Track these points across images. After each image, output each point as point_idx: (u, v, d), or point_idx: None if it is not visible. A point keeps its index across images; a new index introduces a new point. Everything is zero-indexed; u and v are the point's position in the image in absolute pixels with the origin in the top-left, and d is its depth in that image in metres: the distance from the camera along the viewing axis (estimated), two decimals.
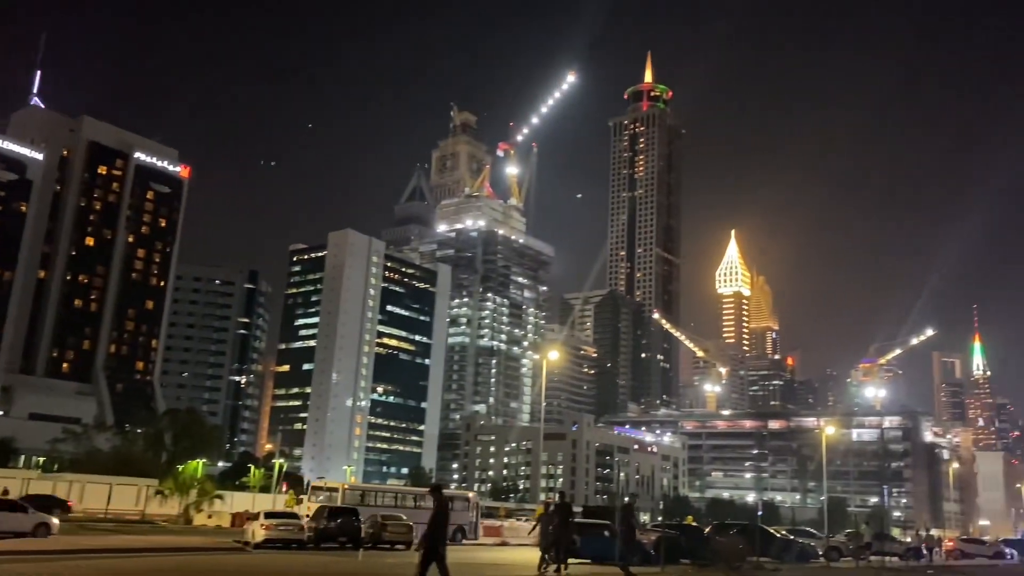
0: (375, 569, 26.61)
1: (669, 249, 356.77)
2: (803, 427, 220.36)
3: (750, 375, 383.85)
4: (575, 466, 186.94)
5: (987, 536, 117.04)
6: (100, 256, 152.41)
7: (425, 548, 17.84)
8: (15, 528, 34.20)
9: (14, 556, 25.34)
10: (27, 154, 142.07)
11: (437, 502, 18.01)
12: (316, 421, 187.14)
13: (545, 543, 25.47)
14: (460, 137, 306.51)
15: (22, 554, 26.16)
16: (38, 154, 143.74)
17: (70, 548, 29.36)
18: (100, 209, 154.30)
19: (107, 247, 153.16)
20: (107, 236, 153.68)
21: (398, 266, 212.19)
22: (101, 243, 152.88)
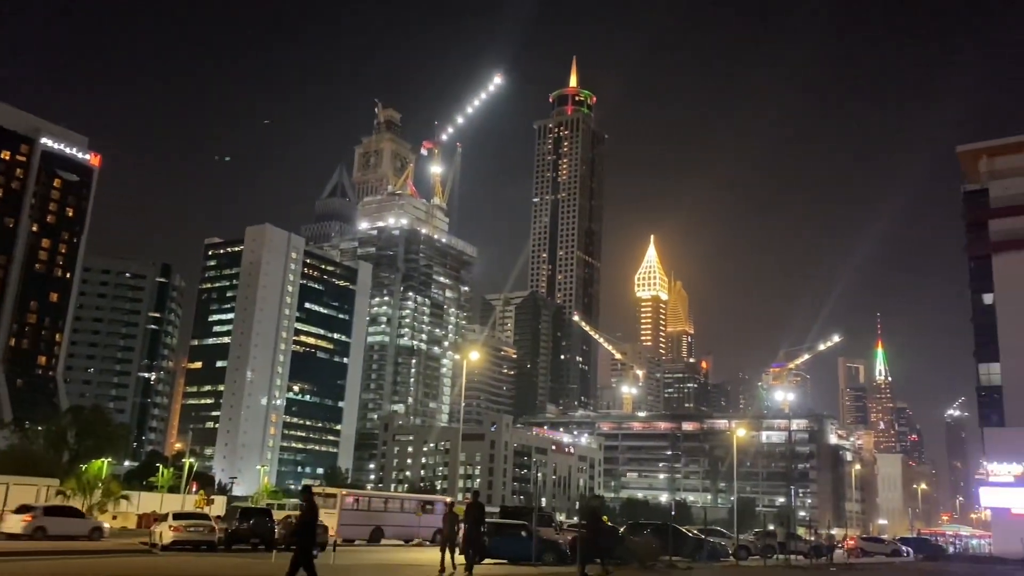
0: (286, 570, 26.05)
1: (590, 252, 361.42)
2: (715, 429, 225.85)
3: (666, 378, 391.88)
4: (493, 466, 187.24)
5: (885, 535, 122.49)
6: (1, 245, 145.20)
7: (296, 549, 17.63)
8: None
9: None
10: None
11: (308, 504, 17.83)
12: (229, 420, 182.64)
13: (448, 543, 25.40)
14: (384, 134, 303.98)
15: None
16: None
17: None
18: (2, 196, 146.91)
19: (8, 236, 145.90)
20: (9, 224, 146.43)
21: (317, 263, 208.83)
22: (3, 232, 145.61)
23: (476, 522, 25.29)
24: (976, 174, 75.52)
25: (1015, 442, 63.57)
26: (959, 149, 77.19)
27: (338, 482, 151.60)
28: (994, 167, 74.10)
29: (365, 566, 29.10)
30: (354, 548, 43.00)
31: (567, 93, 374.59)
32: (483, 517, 26.20)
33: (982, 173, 74.62)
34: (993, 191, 72.80)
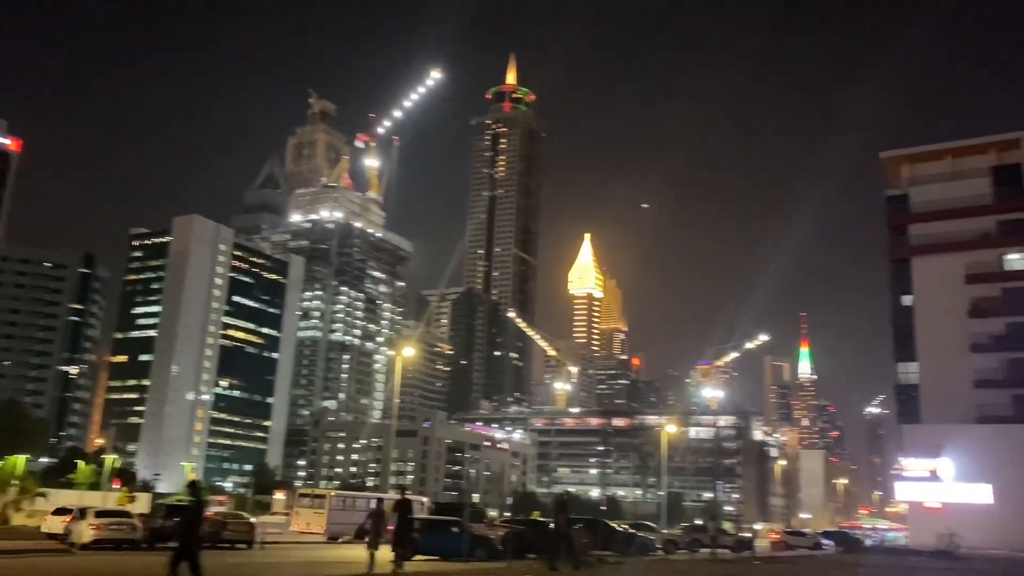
0: (214, 569, 25.49)
1: (526, 249, 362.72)
2: (646, 425, 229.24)
3: (598, 374, 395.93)
4: (425, 463, 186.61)
5: (807, 528, 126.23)
6: None
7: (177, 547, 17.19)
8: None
9: None
10: None
11: (195, 500, 17.34)
12: (154, 415, 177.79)
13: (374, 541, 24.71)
14: (318, 125, 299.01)
15: None
16: None
17: None
18: None
19: None
20: None
21: (248, 255, 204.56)
22: None
23: (406, 518, 24.92)
24: (898, 180, 78.19)
25: (930, 438, 66.16)
26: (882, 155, 79.77)
27: (267, 479, 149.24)
28: (915, 173, 76.86)
29: (290, 563, 28.65)
30: (283, 545, 42.31)
31: (505, 90, 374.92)
32: (412, 513, 25.81)
33: (904, 179, 77.30)
34: (914, 197, 75.49)
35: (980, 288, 70.28)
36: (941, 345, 70.36)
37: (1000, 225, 71.14)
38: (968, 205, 71.87)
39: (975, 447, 63.61)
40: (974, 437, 64.46)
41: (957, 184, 73.62)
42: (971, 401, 67.50)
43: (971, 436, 64.63)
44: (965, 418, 66.61)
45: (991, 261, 71.02)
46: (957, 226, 72.00)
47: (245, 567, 26.19)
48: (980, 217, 71.53)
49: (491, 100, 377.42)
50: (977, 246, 71.22)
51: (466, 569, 26.91)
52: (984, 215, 71.43)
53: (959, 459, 63.87)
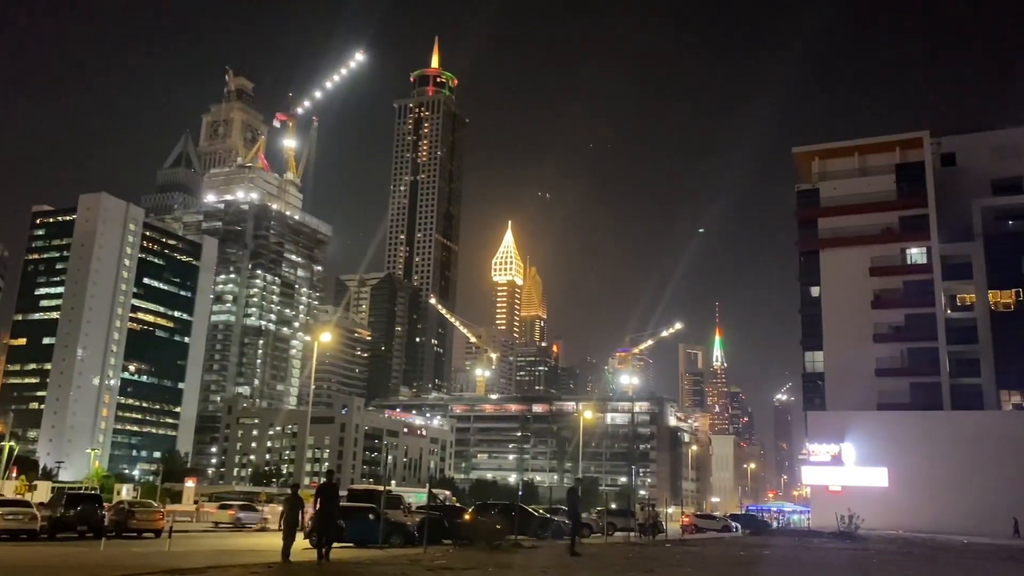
0: (116, 559, 24.65)
1: (448, 236, 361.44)
2: (564, 411, 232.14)
3: (518, 361, 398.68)
4: (343, 449, 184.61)
5: (717, 512, 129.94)
6: None
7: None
8: None
9: None
10: None
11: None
12: (57, 400, 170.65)
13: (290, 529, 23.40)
14: (234, 103, 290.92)
15: None
16: None
17: None
18: None
19: None
20: None
21: (158, 236, 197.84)
22: None
23: (331, 504, 23.49)
24: (809, 174, 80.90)
25: (834, 424, 68.94)
26: (795, 150, 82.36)
27: (177, 466, 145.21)
28: (825, 169, 79.65)
29: (200, 552, 27.92)
30: (193, 534, 41.22)
31: (428, 74, 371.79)
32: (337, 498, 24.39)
33: (814, 174, 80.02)
34: (823, 191, 78.26)
35: (883, 280, 73.48)
36: (846, 335, 73.32)
37: (902, 220, 74.45)
38: (873, 201, 74.95)
39: (875, 432, 66.61)
40: (874, 423, 67.48)
41: (864, 180, 76.66)
42: (873, 388, 70.65)
43: (871, 422, 67.64)
44: (867, 405, 69.69)
45: (894, 255, 74.30)
46: (863, 220, 75.04)
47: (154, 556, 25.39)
48: (884, 212, 74.69)
49: (414, 83, 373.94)
50: (881, 240, 74.37)
51: (382, 556, 26.68)
52: (888, 211, 74.61)
53: (860, 444, 66.77)
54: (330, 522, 23.23)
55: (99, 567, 22.13)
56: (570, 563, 25.78)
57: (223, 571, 20.53)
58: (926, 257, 72.50)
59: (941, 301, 70.91)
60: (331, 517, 23.31)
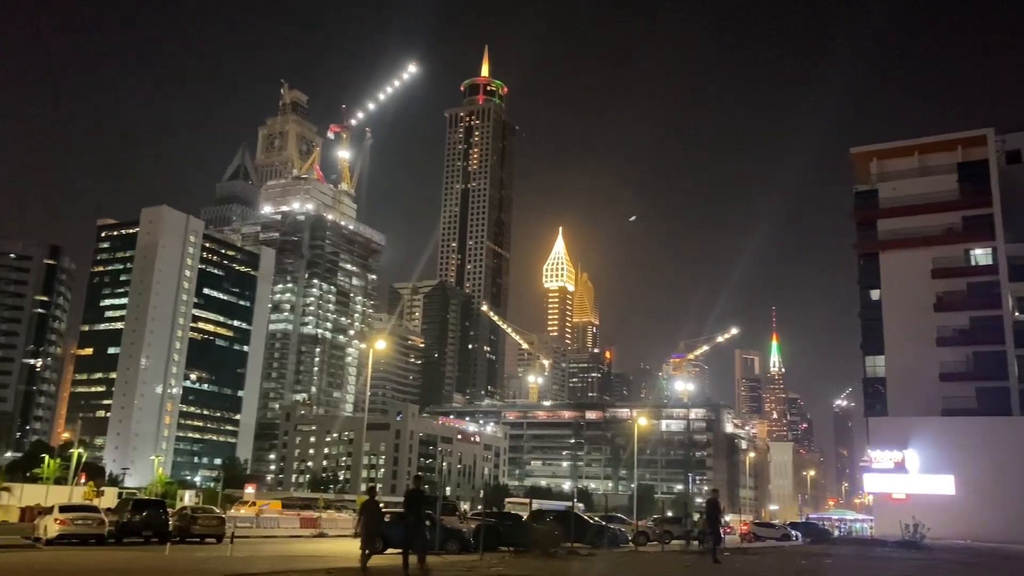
0: (182, 564, 25.29)
1: (499, 243, 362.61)
2: (617, 418, 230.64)
3: (571, 367, 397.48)
4: (398, 456, 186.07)
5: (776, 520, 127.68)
6: None
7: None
8: None
9: None
10: None
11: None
12: (122, 408, 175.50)
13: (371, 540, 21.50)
14: (290, 116, 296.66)
15: None
16: None
17: None
18: None
19: None
20: None
21: (218, 247, 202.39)
22: None
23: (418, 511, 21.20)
24: (867, 175, 79.07)
25: (896, 431, 67.12)
26: (852, 151, 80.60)
27: (237, 473, 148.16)
28: (884, 169, 77.74)
29: (262, 557, 28.43)
30: (253, 540, 42.00)
31: (479, 82, 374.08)
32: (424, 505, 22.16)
33: (872, 174, 78.18)
34: (882, 192, 76.35)
35: (946, 283, 71.33)
36: (908, 339, 71.35)
37: (966, 220, 72.21)
38: (935, 201, 72.84)
39: (940, 439, 64.64)
40: (939, 429, 65.49)
41: (924, 180, 74.59)
42: (936, 394, 68.57)
43: (936, 428, 65.66)
44: (930, 410, 67.69)
45: (957, 256, 72.10)
46: (924, 221, 72.98)
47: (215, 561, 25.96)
48: (946, 213, 72.52)
49: (464, 92, 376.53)
50: (943, 241, 72.22)
51: (438, 562, 26.86)
52: (950, 211, 72.43)
53: (925, 451, 64.88)
54: (417, 531, 21.07)
55: (164, 571, 22.70)
56: (621, 567, 25.59)
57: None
58: (991, 258, 70.20)
59: (1008, 303, 68.60)
60: (418, 526, 21.16)
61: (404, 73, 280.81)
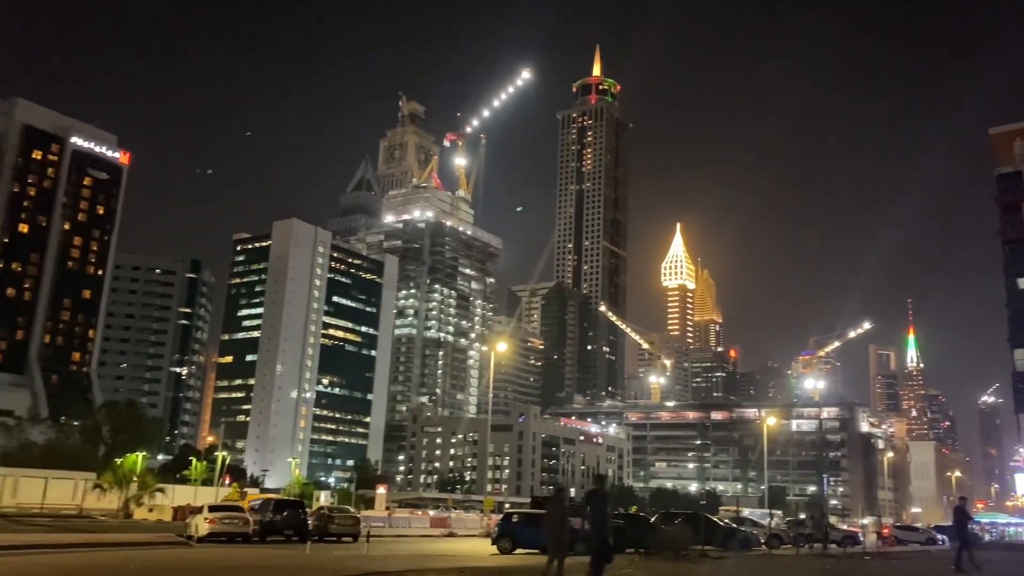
0: (322, 562, 26.37)
1: (616, 242, 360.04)
2: (745, 418, 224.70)
3: (694, 367, 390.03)
4: (521, 457, 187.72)
5: (919, 523, 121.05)
6: (34, 243, 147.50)
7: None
8: None
9: None
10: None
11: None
12: (260, 413, 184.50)
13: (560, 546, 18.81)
14: (408, 127, 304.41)
15: None
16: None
17: (7, 544, 28.48)
18: (35, 195, 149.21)
19: (42, 234, 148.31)
20: (42, 223, 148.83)
21: (344, 256, 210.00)
22: (36, 230, 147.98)
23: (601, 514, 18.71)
24: (1009, 156, 74.15)
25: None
26: (992, 131, 75.88)
27: (369, 474, 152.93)
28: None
29: (397, 556, 29.27)
30: (387, 539, 43.29)
31: (590, 82, 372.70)
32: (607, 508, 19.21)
33: (1016, 155, 73.25)
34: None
35: None
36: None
37: None
38: None
39: None
40: None
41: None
42: None
43: None
44: None
45: None
46: None
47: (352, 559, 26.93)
48: None
49: (577, 93, 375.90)
50: None
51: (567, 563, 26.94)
52: None
53: None
54: (601, 538, 18.47)
55: (306, 568, 23.72)
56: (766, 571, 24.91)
57: (418, 575, 21.48)
58: None
59: None
60: (602, 532, 18.53)
61: (518, 79, 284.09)
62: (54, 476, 61.66)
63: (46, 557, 25.40)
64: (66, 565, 23.42)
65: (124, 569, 22.78)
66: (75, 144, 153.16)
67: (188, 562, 26.32)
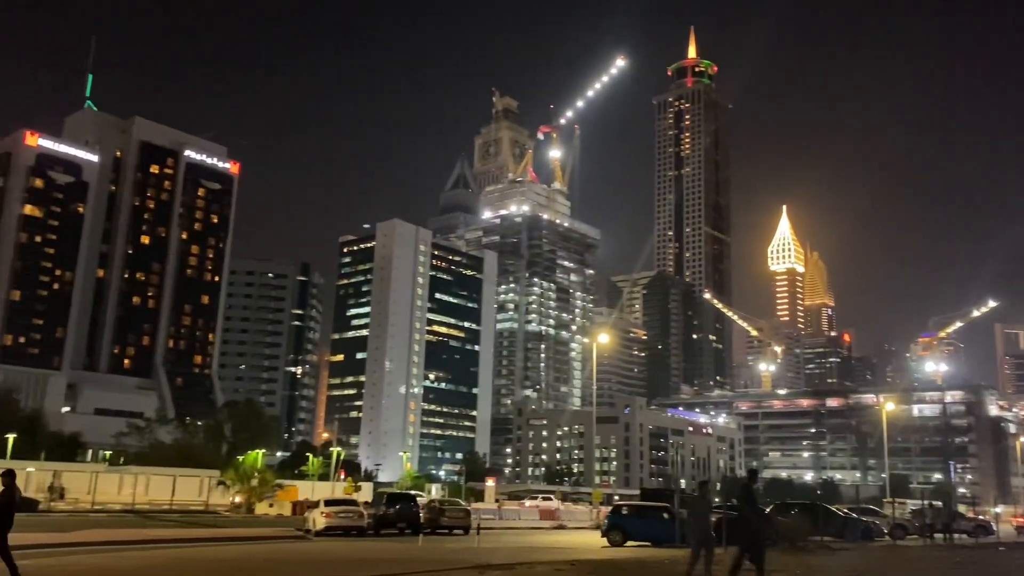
0: (434, 554, 26.72)
1: (718, 227, 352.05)
2: (862, 404, 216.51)
3: (806, 353, 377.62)
4: (628, 449, 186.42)
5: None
6: (156, 254, 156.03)
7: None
8: None
9: (115, 546, 25.97)
10: (83, 156, 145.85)
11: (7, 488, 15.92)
12: (371, 409, 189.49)
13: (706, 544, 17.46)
14: (502, 123, 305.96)
15: (96, 545, 26.79)
16: (93, 156, 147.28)
17: (138, 539, 30.08)
18: (154, 208, 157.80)
19: (162, 245, 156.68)
20: (161, 234, 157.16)
21: (445, 254, 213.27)
22: (156, 241, 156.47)
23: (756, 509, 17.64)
24: None
25: None
26: None
27: (477, 467, 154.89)
28: None
29: (507, 548, 29.37)
30: (497, 531, 43.61)
31: (686, 65, 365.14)
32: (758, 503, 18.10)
33: None
34: None
35: None
36: None
37: None
38: None
39: None
40: None
41: None
42: None
43: None
44: None
45: None
46: None
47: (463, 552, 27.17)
48: None
49: (672, 77, 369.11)
50: None
51: (681, 555, 26.42)
52: None
53: None
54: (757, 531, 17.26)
55: (420, 561, 24.07)
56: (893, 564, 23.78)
57: (530, 568, 21.46)
58: None
59: None
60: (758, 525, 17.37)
61: (612, 67, 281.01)
62: (181, 474, 64.90)
63: (181, 551, 26.66)
64: (199, 558, 24.50)
65: (249, 562, 23.65)
66: (189, 157, 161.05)
67: (307, 555, 27.14)
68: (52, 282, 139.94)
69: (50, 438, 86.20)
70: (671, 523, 31.68)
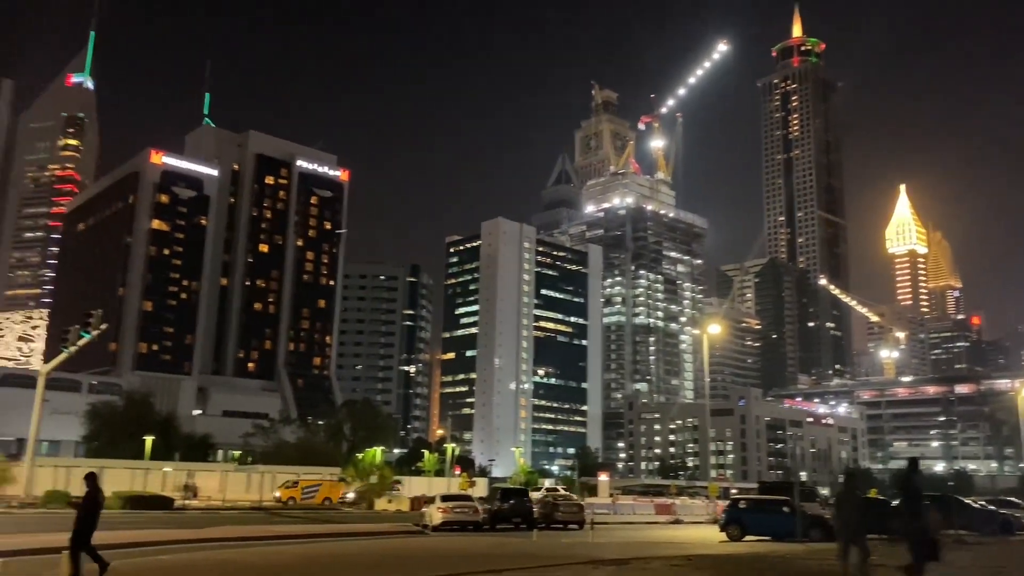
0: (550, 548, 26.84)
1: (832, 210, 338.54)
2: (995, 390, 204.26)
3: (931, 338, 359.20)
4: (745, 442, 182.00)
5: None
6: (274, 261, 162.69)
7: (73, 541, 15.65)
8: None
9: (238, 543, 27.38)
10: (203, 171, 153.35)
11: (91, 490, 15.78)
12: (483, 405, 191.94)
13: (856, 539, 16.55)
14: (602, 116, 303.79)
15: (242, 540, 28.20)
16: (213, 170, 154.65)
17: (268, 535, 31.45)
18: (270, 217, 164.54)
19: (279, 252, 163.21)
20: (278, 242, 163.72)
21: (549, 250, 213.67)
22: (274, 249, 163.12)
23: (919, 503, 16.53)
24: None
25: None
26: None
27: (589, 461, 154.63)
28: None
29: (621, 544, 29.22)
30: (611, 526, 43.44)
31: (791, 44, 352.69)
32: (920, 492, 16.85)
33: None
34: None
35: None
36: None
37: None
38: None
39: None
40: None
41: None
42: None
43: None
44: None
45: None
46: None
47: (577, 547, 27.19)
48: None
49: (777, 57, 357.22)
50: None
51: (801, 550, 25.64)
52: None
53: None
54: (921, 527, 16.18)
55: (535, 556, 24.23)
56: None
57: (645, 563, 21.29)
58: None
59: None
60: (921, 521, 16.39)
61: (714, 52, 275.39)
62: (304, 472, 67.40)
63: (307, 547, 27.72)
64: (324, 553, 25.45)
65: (372, 555, 24.39)
66: (301, 167, 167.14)
67: (428, 550, 27.70)
68: (180, 292, 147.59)
69: (183, 439, 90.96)
70: (791, 517, 30.80)
